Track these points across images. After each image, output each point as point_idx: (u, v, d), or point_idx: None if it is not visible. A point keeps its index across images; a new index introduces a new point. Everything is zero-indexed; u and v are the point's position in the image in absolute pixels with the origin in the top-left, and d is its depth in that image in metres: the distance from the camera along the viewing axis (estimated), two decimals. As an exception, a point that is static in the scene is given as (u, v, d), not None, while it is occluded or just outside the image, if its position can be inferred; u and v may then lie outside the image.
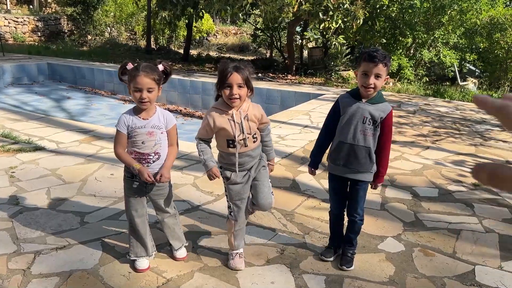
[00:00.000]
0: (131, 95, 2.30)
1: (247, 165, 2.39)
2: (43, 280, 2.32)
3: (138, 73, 2.22)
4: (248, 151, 2.35)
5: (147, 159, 2.34)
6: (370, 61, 2.26)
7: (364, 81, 2.29)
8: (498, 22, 10.76)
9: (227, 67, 2.24)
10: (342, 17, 9.68)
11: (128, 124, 2.32)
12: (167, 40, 17.41)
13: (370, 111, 2.35)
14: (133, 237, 2.47)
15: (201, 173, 3.99)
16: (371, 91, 2.33)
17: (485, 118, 7.06)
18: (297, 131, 5.71)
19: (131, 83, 2.25)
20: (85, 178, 3.79)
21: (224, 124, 2.28)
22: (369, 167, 2.43)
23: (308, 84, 10.19)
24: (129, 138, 2.33)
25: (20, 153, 4.36)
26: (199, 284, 2.35)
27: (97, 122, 7.18)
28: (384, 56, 2.26)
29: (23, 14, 17.42)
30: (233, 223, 2.47)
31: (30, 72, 10.97)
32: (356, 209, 2.52)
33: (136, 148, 2.34)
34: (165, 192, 2.48)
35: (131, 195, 2.42)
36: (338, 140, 2.45)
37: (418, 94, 9.33)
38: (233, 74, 2.22)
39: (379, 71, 2.26)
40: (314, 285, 2.40)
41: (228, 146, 2.33)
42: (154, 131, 2.34)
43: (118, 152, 2.34)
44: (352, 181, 2.49)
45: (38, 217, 3.05)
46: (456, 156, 4.88)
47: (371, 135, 2.38)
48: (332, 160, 2.50)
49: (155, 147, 2.35)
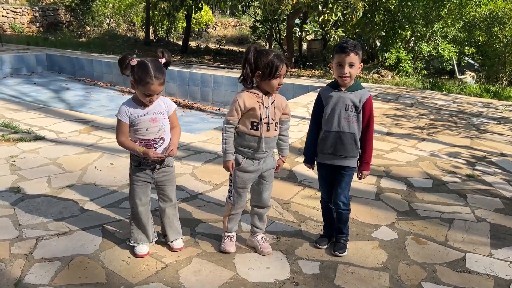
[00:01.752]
0: (135, 91, 2.32)
1: (260, 152, 2.45)
2: (45, 264, 2.39)
3: (152, 81, 2.25)
4: (268, 137, 2.43)
5: (153, 144, 2.40)
6: (342, 52, 2.41)
7: (340, 72, 2.44)
8: (497, 16, 10.77)
9: (275, 59, 2.32)
10: (341, 10, 9.70)
11: (130, 113, 2.36)
12: (166, 31, 17.38)
13: (351, 98, 2.48)
14: (135, 224, 2.53)
15: (199, 163, 4.05)
16: (348, 80, 2.46)
17: (481, 111, 7.12)
18: (295, 123, 5.76)
19: (140, 86, 2.27)
20: (85, 167, 3.85)
21: (254, 105, 2.37)
22: (355, 153, 2.55)
23: (307, 76, 10.22)
24: (132, 127, 2.37)
25: (21, 142, 4.40)
26: (197, 269, 2.42)
27: (96, 113, 7.22)
28: (354, 46, 2.40)
29: (21, 4, 17.37)
30: (230, 207, 2.57)
31: (29, 63, 10.99)
32: (340, 196, 2.58)
33: (141, 136, 2.38)
34: (171, 177, 2.55)
35: (137, 183, 2.47)
36: (324, 130, 2.56)
37: (416, 87, 9.38)
38: (284, 66, 2.35)
39: (352, 60, 2.40)
40: (309, 270, 2.47)
41: (252, 128, 2.41)
42: (157, 117, 2.40)
43: (121, 141, 2.39)
44: (339, 167, 2.57)
45: (39, 204, 3.11)
46: (451, 148, 4.95)
47: (355, 121, 2.50)
48: (320, 149, 2.60)
49: (159, 133, 2.41)
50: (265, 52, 2.35)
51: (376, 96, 7.86)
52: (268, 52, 2.36)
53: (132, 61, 2.29)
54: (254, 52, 2.36)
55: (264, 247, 2.60)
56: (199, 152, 4.34)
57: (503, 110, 7.32)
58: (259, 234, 2.66)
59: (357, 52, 2.40)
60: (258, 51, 2.37)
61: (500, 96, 8.69)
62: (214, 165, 4.02)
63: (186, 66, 10.43)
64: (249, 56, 2.35)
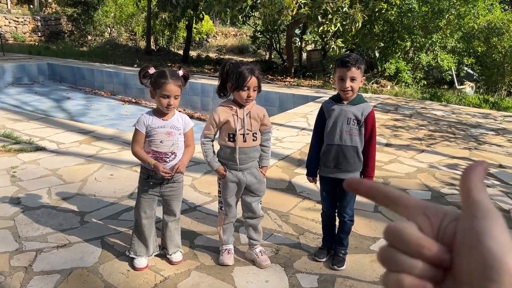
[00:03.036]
0: (155, 99, 2.38)
1: (242, 164, 2.49)
2: (44, 277, 2.40)
3: (168, 80, 2.31)
4: (246, 147, 2.47)
5: (164, 158, 2.44)
6: (343, 66, 2.42)
7: (342, 85, 2.46)
8: (496, 27, 10.84)
9: (244, 70, 2.36)
10: (340, 21, 9.77)
11: (148, 124, 2.40)
12: (167, 41, 17.49)
13: (353, 112, 2.51)
14: (136, 236, 2.54)
15: (199, 174, 4.07)
16: (350, 94, 2.48)
17: (480, 122, 7.15)
18: (295, 134, 5.79)
19: (158, 89, 2.32)
20: (85, 178, 3.87)
21: (228, 118, 2.44)
22: (358, 166, 2.56)
23: (307, 86, 10.27)
24: (148, 137, 2.42)
25: (21, 153, 4.43)
26: (195, 282, 2.43)
27: (96, 122, 7.26)
28: (356, 60, 2.42)
29: (23, 14, 17.50)
30: (223, 217, 2.62)
31: (30, 72, 11.05)
32: (346, 209, 2.61)
33: (154, 147, 2.42)
34: (178, 193, 2.57)
35: (144, 196, 2.49)
36: (326, 143, 2.57)
37: (416, 98, 9.42)
38: (252, 78, 2.37)
39: (353, 74, 2.42)
40: (307, 284, 2.48)
41: (229, 140, 2.47)
42: (173, 131, 2.44)
43: (135, 150, 2.42)
44: (342, 181, 2.57)
45: (39, 216, 3.12)
46: (450, 160, 4.97)
47: (357, 135, 2.52)
48: (323, 163, 2.60)
49: (173, 147, 2.45)
50: (238, 65, 2.41)
51: (376, 107, 7.89)
52: (239, 65, 2.41)
53: (150, 69, 2.36)
54: (229, 65, 2.42)
55: (263, 259, 2.61)
56: (198, 163, 4.35)
57: (502, 121, 7.35)
58: (257, 247, 2.67)
59: (359, 66, 2.42)
60: (232, 64, 2.43)
61: (499, 106, 8.72)
62: (213, 176, 4.03)
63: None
64: (223, 69, 2.42)
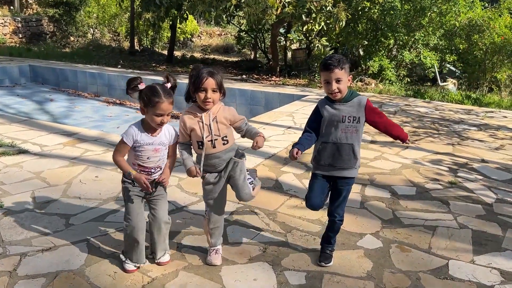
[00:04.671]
0: (145, 115, 2.34)
1: (217, 167, 2.51)
2: (29, 281, 2.36)
3: (161, 99, 2.28)
4: (216, 153, 2.46)
5: (149, 172, 2.44)
6: (326, 70, 2.41)
7: (328, 89, 2.44)
8: (476, 24, 11.02)
9: (202, 72, 2.36)
10: (324, 19, 9.83)
11: (136, 138, 2.37)
12: (151, 41, 17.36)
13: (347, 110, 2.49)
14: (128, 242, 2.48)
15: (185, 174, 4.04)
16: (338, 96, 2.47)
17: (463, 118, 7.26)
18: (281, 132, 5.80)
19: (151, 108, 2.29)
20: (69, 181, 3.82)
21: (194, 125, 2.42)
22: (353, 163, 2.55)
23: (292, 85, 10.30)
24: (134, 151, 2.40)
25: (3, 156, 4.35)
26: (183, 283, 2.42)
27: (80, 124, 7.17)
28: (339, 60, 2.39)
29: (4, 15, 17.18)
30: (206, 221, 2.62)
31: (12, 74, 10.86)
32: (337, 209, 2.62)
33: (140, 162, 2.41)
34: (162, 196, 2.55)
35: (131, 201, 2.46)
36: (321, 141, 2.56)
37: (399, 95, 9.52)
38: (208, 79, 2.35)
39: (337, 75, 2.40)
40: (295, 281, 2.49)
41: (199, 147, 2.47)
42: (160, 148, 2.43)
43: (117, 159, 2.40)
44: (336, 179, 2.58)
45: (23, 219, 3.07)
46: (434, 156, 5.04)
47: (353, 132, 2.50)
48: (317, 161, 2.59)
49: (159, 162, 2.46)
50: (200, 68, 2.40)
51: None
52: (201, 68, 2.40)
53: (141, 84, 2.33)
54: (193, 70, 2.43)
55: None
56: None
57: (484, 116, 7.47)
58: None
59: (342, 66, 2.39)
60: (195, 68, 2.42)
61: (481, 102, 8.87)
62: (200, 176, 4.02)
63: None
64: (190, 74, 2.43)
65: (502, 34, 10.51)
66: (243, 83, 10.29)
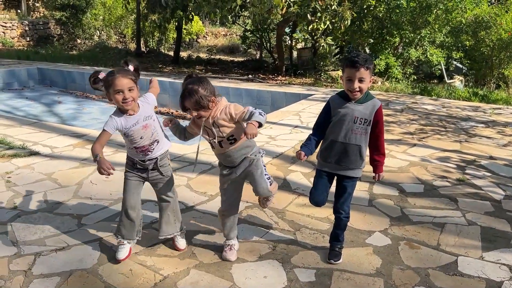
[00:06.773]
0: (112, 100, 2.36)
1: (234, 163, 2.57)
2: (44, 280, 2.41)
3: (115, 75, 2.31)
4: (226, 151, 2.53)
5: (149, 149, 2.51)
6: (352, 67, 2.36)
7: (349, 86, 2.40)
8: (483, 20, 10.97)
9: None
10: (330, 18, 9.83)
11: (122, 125, 2.41)
12: (157, 42, 17.45)
13: (360, 111, 2.46)
14: (120, 218, 2.64)
15: (194, 174, 4.09)
16: (358, 95, 2.43)
17: (470, 115, 7.24)
18: (288, 131, 5.82)
19: (110, 88, 2.32)
20: (80, 182, 3.87)
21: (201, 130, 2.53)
22: (359, 164, 2.57)
23: (298, 84, 10.32)
24: (127, 137, 2.47)
25: (15, 158, 4.42)
26: (194, 280, 2.46)
27: (89, 126, 7.24)
28: (365, 60, 2.35)
29: (11, 18, 17.35)
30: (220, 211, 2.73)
31: (20, 77, 10.97)
32: (343, 205, 2.64)
33: (136, 144, 2.48)
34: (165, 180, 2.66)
35: (131, 178, 2.60)
36: (329, 139, 2.55)
37: (406, 93, 9.51)
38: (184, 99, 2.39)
39: (362, 75, 2.35)
40: (305, 278, 2.51)
41: (212, 147, 2.60)
42: (148, 122, 2.48)
43: (92, 146, 2.36)
44: (341, 177, 2.61)
45: (36, 220, 3.13)
46: (441, 153, 5.03)
47: (363, 134, 2.50)
48: (323, 157, 2.60)
49: (153, 137, 2.52)
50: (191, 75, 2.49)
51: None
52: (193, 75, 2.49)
53: (101, 74, 2.39)
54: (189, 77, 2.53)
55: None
56: (193, 163, 4.37)
57: (491, 113, 7.45)
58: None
59: (367, 66, 2.34)
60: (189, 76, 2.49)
61: (488, 99, 8.84)
62: (209, 175, 4.06)
63: (178, 77, 10.48)
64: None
65: (509, 30, 10.46)
66: (249, 83, 10.33)
